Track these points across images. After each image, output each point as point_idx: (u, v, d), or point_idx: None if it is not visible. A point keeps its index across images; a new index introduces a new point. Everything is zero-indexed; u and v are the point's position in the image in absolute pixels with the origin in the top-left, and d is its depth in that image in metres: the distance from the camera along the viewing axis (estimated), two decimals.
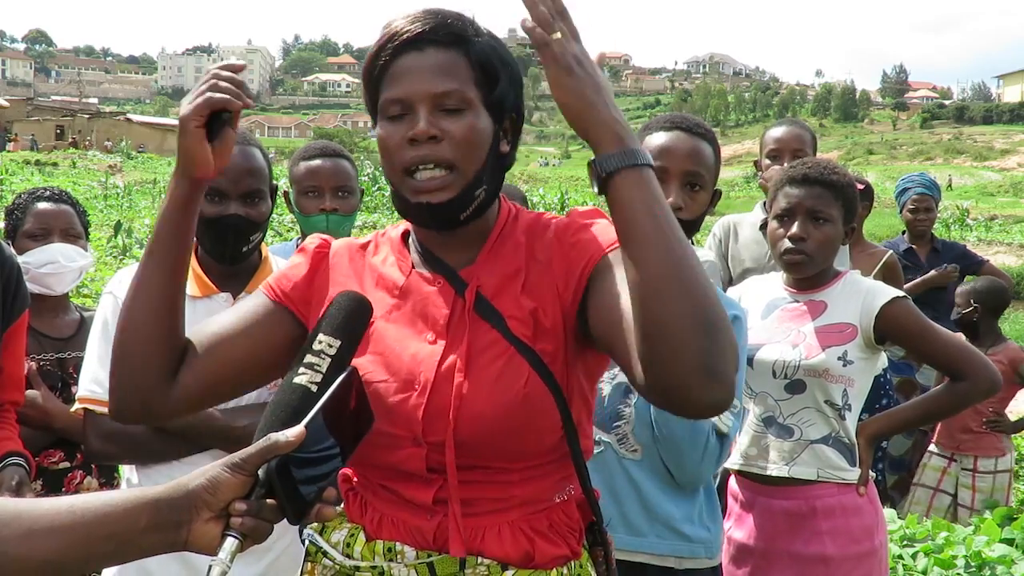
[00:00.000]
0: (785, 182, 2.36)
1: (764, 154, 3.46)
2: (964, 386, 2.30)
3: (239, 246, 2.02)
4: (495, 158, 1.35)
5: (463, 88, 1.30)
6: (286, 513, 1.08)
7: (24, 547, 1.02)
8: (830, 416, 2.30)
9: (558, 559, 1.33)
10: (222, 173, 1.96)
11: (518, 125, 1.41)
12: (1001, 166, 65.86)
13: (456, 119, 1.29)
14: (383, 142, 1.32)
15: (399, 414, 1.30)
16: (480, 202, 1.33)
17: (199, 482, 1.06)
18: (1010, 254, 16.59)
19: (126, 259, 11.41)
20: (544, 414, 1.29)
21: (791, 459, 2.30)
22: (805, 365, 2.29)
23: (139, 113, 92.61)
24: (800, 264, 2.34)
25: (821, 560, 2.25)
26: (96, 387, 1.96)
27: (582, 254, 1.30)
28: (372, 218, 19.46)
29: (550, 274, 1.33)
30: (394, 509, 1.34)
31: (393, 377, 1.31)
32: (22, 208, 2.75)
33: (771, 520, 2.31)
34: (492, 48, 1.35)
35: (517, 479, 1.32)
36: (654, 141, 2.00)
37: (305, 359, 1.18)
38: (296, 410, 1.13)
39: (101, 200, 21.36)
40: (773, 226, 2.38)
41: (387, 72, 1.32)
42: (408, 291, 1.37)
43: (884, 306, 2.29)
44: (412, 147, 1.29)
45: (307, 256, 1.44)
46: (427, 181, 1.29)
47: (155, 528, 1.04)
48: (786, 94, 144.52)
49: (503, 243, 1.38)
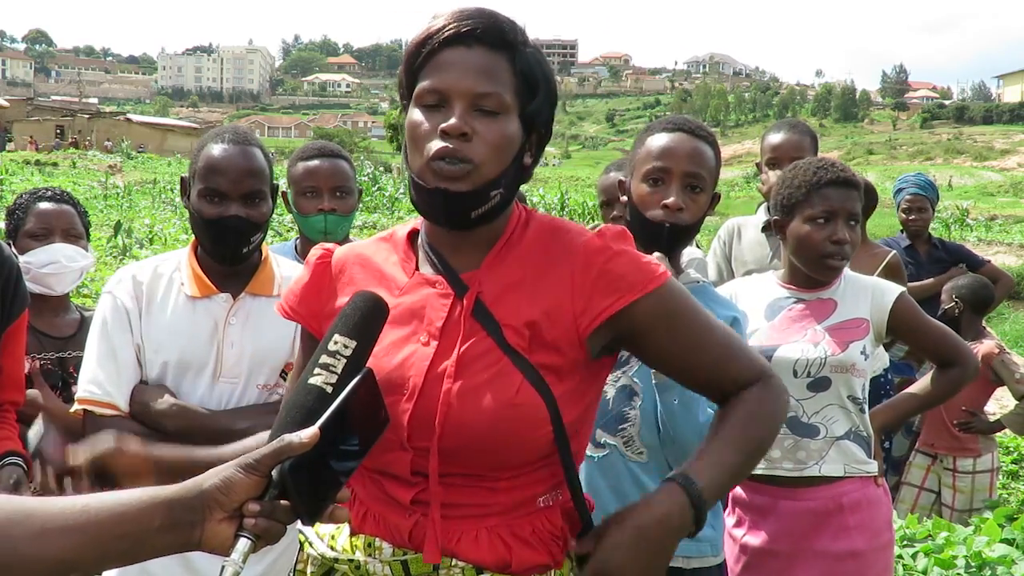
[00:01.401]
0: (824, 184, 2.33)
1: (764, 158, 3.43)
2: (956, 372, 2.48)
3: (240, 247, 2.02)
4: (517, 168, 1.35)
5: (502, 93, 1.30)
6: (299, 514, 1.07)
7: (37, 546, 1.02)
8: (851, 411, 2.34)
9: (537, 567, 1.32)
10: (221, 174, 1.98)
11: (544, 141, 1.41)
12: (1001, 166, 65.87)
13: (490, 122, 1.29)
14: (413, 128, 1.31)
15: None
16: (493, 205, 1.32)
17: (213, 482, 1.06)
18: (1010, 254, 16.57)
19: (126, 259, 11.40)
20: (534, 425, 1.27)
21: (820, 457, 2.31)
22: (832, 361, 2.30)
23: (139, 113, 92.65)
24: (840, 267, 2.38)
25: (851, 555, 2.26)
26: (95, 388, 1.96)
27: (615, 287, 1.30)
28: (372, 218, 19.43)
29: (567, 291, 1.31)
30: (378, 504, 1.34)
31: (383, 379, 1.29)
32: (24, 208, 2.76)
33: (796, 521, 2.30)
34: (537, 61, 1.35)
35: (503, 486, 1.31)
36: (656, 142, 2.00)
37: (320, 359, 1.17)
38: (311, 411, 1.12)
39: (101, 200, 21.34)
40: (807, 228, 2.34)
41: (430, 61, 1.31)
42: (408, 291, 1.37)
43: (895, 301, 2.38)
44: (442, 138, 1.28)
45: (309, 268, 1.44)
46: (449, 170, 1.28)
47: (169, 528, 1.04)
48: (786, 94, 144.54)
49: (510, 250, 1.37)
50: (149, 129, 55.54)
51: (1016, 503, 4.89)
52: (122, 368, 1.98)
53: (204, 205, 1.99)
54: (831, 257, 2.34)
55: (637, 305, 1.30)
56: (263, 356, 2.02)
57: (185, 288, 2.03)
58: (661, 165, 1.95)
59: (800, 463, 2.32)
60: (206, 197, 1.99)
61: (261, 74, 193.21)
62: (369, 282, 1.39)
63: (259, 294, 2.06)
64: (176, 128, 61.18)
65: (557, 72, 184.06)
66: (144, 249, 12.53)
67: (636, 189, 1.99)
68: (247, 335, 2.01)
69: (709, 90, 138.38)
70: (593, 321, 1.30)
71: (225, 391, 2.00)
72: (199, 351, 2.00)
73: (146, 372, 2.00)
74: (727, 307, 2.01)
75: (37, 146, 39.97)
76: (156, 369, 2.00)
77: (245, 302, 2.05)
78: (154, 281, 2.04)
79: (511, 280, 1.34)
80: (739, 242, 3.49)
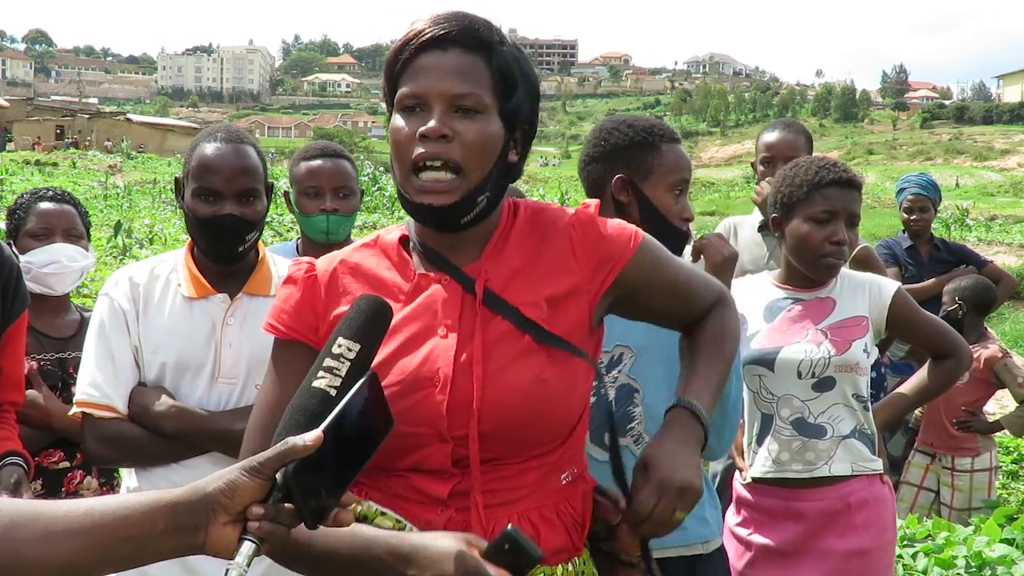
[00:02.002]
0: (826, 183, 2.33)
1: (758, 158, 3.47)
2: (951, 363, 2.53)
3: (235, 246, 2.02)
4: (502, 166, 1.37)
5: (480, 92, 1.32)
6: (303, 517, 1.07)
7: (41, 549, 1.02)
8: (856, 409, 2.35)
9: (562, 549, 1.35)
10: (215, 172, 1.97)
11: (529, 137, 1.42)
12: (1001, 166, 65.86)
13: (469, 121, 1.31)
14: (395, 134, 1.34)
15: (421, 412, 1.30)
16: (481, 209, 1.35)
17: (216, 486, 1.06)
18: (1010, 254, 16.57)
19: (126, 259, 11.41)
20: (565, 395, 1.33)
21: (829, 457, 2.32)
22: (836, 361, 2.31)
23: (139, 113, 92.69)
24: (838, 267, 2.39)
25: (859, 554, 2.27)
26: (93, 391, 1.96)
27: (610, 251, 1.39)
28: (372, 218, 19.42)
29: (571, 263, 1.37)
30: (401, 502, 1.34)
31: (411, 377, 1.31)
32: (24, 208, 2.76)
33: (804, 521, 2.31)
34: (514, 58, 1.37)
35: (533, 465, 1.33)
36: (674, 153, 2.01)
37: (324, 363, 1.17)
38: (315, 414, 1.12)
39: (101, 200, 21.36)
40: (807, 227, 2.34)
41: (408, 67, 1.34)
42: (415, 293, 1.38)
43: (893, 297, 2.39)
44: (421, 143, 1.30)
45: (297, 284, 1.41)
46: (432, 183, 1.30)
47: (173, 531, 1.04)
48: (786, 94, 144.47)
49: (506, 240, 1.40)
50: (149, 129, 55.60)
51: (1016, 503, 4.89)
52: (120, 370, 1.98)
53: (198, 204, 1.99)
54: (829, 257, 2.34)
55: (630, 263, 1.39)
56: (261, 356, 1.99)
57: (182, 289, 2.03)
58: (686, 178, 2.00)
59: (809, 464, 2.32)
60: (200, 196, 1.99)
61: (261, 74, 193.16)
62: (367, 289, 1.39)
63: (256, 294, 2.06)
64: (176, 128, 61.19)
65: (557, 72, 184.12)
66: (144, 249, 12.54)
67: (659, 197, 1.97)
68: (245, 335, 2.01)
69: (709, 90, 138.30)
70: (601, 286, 1.38)
71: (223, 392, 2.00)
72: (197, 352, 2.00)
73: (144, 374, 2.01)
74: None
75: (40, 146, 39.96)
76: (154, 371, 2.00)
77: (242, 302, 2.04)
78: (151, 283, 2.04)
79: (515, 266, 1.37)
80: (735, 241, 3.51)
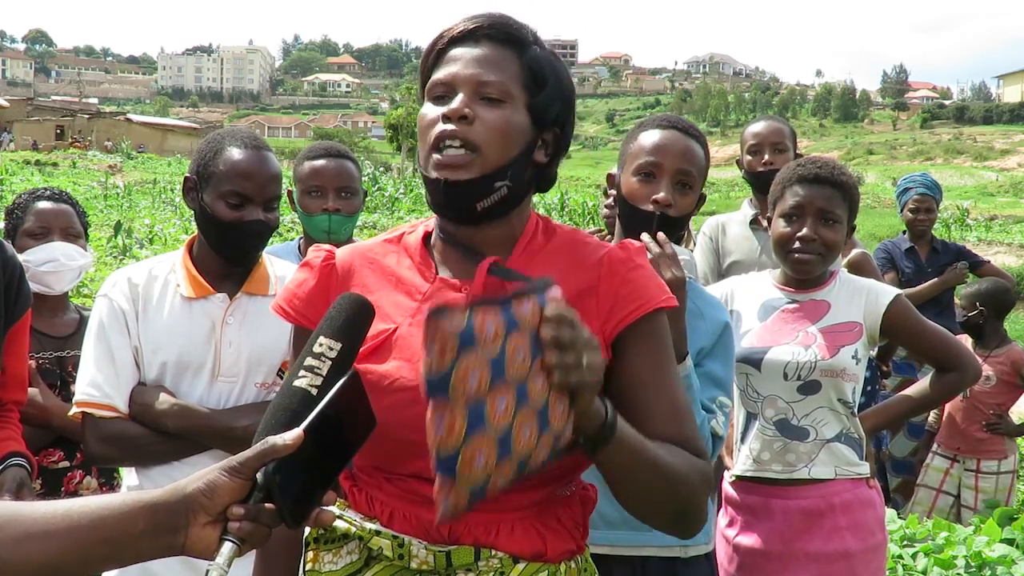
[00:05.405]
0: (794, 180, 2.34)
1: (745, 150, 3.53)
2: (954, 376, 2.45)
3: (255, 250, 2.07)
4: (527, 161, 1.35)
5: (506, 81, 1.32)
6: (284, 517, 1.06)
7: (20, 551, 1.02)
8: (842, 413, 2.32)
9: (567, 553, 1.35)
10: (248, 178, 1.97)
11: (562, 143, 1.41)
12: (1001, 166, 65.94)
13: (493, 108, 1.31)
14: (421, 120, 1.35)
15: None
16: (501, 197, 1.33)
17: (196, 486, 1.05)
18: (1010, 254, 16.59)
19: (126, 259, 11.40)
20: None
21: (809, 460, 2.30)
22: (822, 365, 2.28)
23: (139, 113, 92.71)
24: (809, 264, 2.33)
25: (843, 556, 2.26)
26: (93, 391, 1.96)
27: (636, 295, 1.33)
28: (372, 218, 19.45)
29: (594, 297, 1.33)
30: (405, 504, 1.33)
31: (419, 385, 1.29)
32: (22, 207, 2.76)
33: (787, 521, 2.30)
34: (548, 59, 1.37)
35: (536, 479, 1.29)
36: (649, 138, 2.00)
37: (305, 362, 1.16)
38: (295, 413, 1.11)
39: (101, 200, 21.36)
40: (779, 224, 2.35)
41: (441, 59, 1.36)
42: (432, 296, 1.36)
43: (889, 305, 2.34)
44: (443, 123, 1.31)
45: (313, 270, 1.41)
46: (449, 158, 1.30)
47: (152, 532, 1.03)
48: (786, 94, 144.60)
49: (535, 252, 1.38)
50: (149, 129, 55.63)
51: (1016, 503, 4.89)
52: (120, 370, 1.98)
53: (223, 208, 2.00)
54: (797, 253, 2.32)
55: (646, 317, 1.32)
56: (261, 355, 2.03)
57: (181, 289, 2.04)
58: (653, 160, 1.96)
59: (789, 465, 2.31)
60: (227, 199, 2.00)
61: (261, 74, 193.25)
62: (384, 286, 1.38)
63: (255, 293, 2.07)
64: (176, 128, 61.27)
65: None
66: (144, 249, 12.54)
67: (627, 183, 2.00)
68: (244, 334, 2.02)
69: (709, 90, 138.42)
70: (618, 326, 1.32)
71: (224, 390, 2.01)
72: (197, 351, 2.00)
73: (144, 373, 2.01)
74: (717, 308, 2.01)
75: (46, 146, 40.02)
76: (154, 370, 2.00)
77: (242, 302, 2.06)
78: (149, 283, 2.05)
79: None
80: (724, 237, 3.58)
